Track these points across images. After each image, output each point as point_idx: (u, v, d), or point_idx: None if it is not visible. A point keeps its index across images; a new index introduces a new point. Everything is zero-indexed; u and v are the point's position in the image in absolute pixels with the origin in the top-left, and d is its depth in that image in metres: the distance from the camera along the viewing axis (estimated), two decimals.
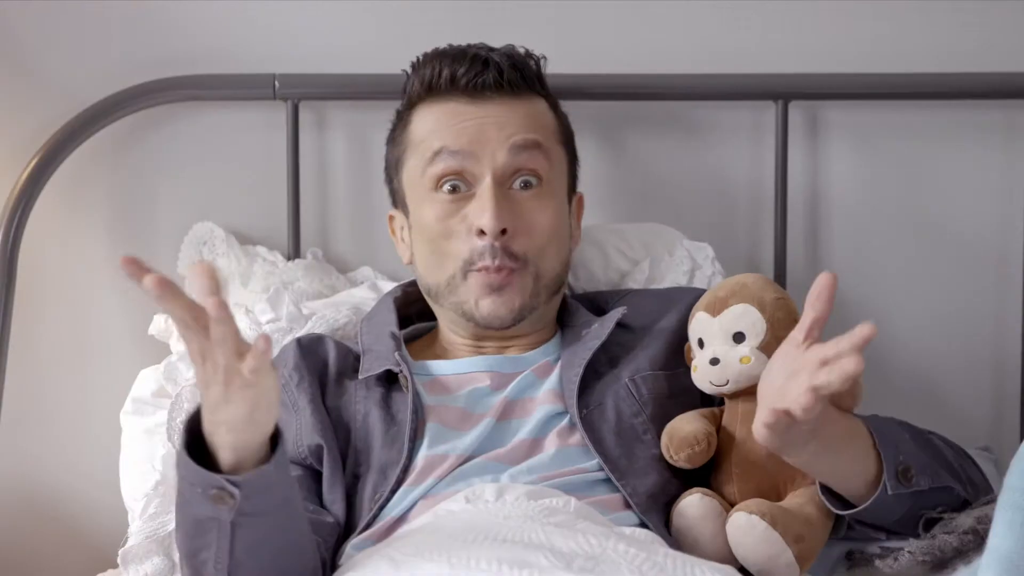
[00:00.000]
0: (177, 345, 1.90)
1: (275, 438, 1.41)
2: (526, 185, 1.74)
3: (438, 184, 1.74)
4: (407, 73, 1.83)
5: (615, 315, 1.75)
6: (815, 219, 2.10)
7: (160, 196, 2.08)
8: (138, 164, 2.07)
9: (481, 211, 1.71)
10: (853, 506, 1.56)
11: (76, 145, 2.00)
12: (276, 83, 2.01)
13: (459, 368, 1.74)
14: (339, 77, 2.04)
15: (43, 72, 2.05)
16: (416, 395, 1.67)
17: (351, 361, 1.76)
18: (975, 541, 1.52)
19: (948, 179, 2.09)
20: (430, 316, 1.85)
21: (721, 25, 2.07)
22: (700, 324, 1.67)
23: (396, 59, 1.93)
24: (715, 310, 1.66)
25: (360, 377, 1.72)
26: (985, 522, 1.52)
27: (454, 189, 1.73)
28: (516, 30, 1.92)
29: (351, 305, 1.91)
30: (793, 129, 2.05)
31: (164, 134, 2.07)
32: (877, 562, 1.57)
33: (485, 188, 1.72)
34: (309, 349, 1.76)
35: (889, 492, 1.54)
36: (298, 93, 2.03)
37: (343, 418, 1.70)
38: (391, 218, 1.86)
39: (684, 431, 1.63)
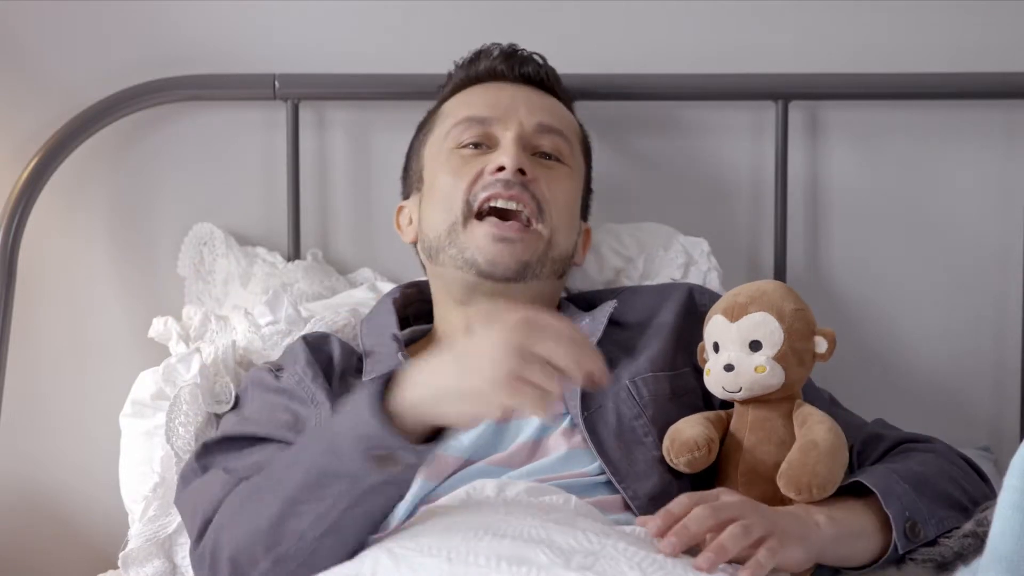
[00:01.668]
0: (176, 347, 1.89)
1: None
2: (547, 156, 1.77)
3: (461, 144, 1.77)
4: (449, 75, 1.88)
5: (606, 309, 1.75)
6: (815, 219, 2.10)
7: (160, 196, 2.08)
8: (138, 164, 2.07)
9: (501, 154, 1.74)
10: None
11: (76, 145, 2.00)
12: (276, 83, 2.01)
13: None
14: (339, 77, 2.04)
15: (43, 72, 2.05)
16: None
17: (354, 361, 1.76)
18: (975, 544, 1.52)
19: (948, 179, 2.09)
20: (427, 318, 1.85)
21: (721, 25, 2.07)
22: (717, 328, 1.65)
23: (396, 59, 1.93)
24: (733, 315, 1.64)
25: (364, 378, 1.72)
26: (984, 524, 1.52)
27: (476, 146, 1.77)
28: (517, 30, 1.92)
29: (349, 307, 1.90)
30: (793, 129, 2.05)
31: (164, 134, 2.07)
32: (881, 561, 1.57)
33: (508, 140, 1.75)
34: (316, 346, 1.76)
35: (899, 551, 1.54)
36: (298, 93, 2.03)
37: None
38: (400, 209, 1.86)
39: (685, 435, 1.62)
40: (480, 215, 1.73)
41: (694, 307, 1.79)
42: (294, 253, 2.04)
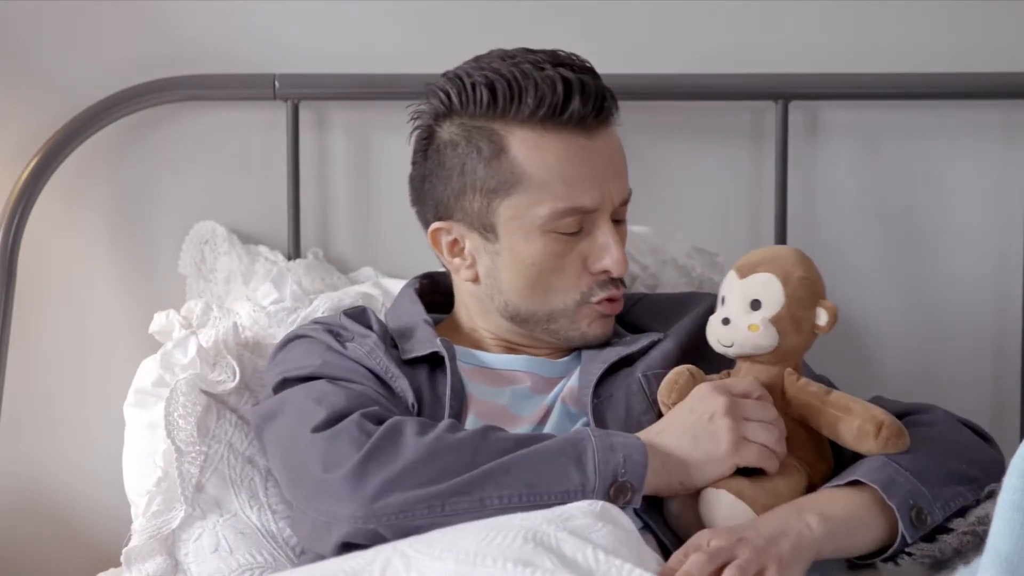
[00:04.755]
0: (176, 336, 1.89)
1: None
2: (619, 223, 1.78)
3: (560, 231, 1.72)
4: (460, 80, 1.71)
5: (651, 337, 1.76)
6: (815, 219, 2.10)
7: (160, 196, 2.08)
8: (138, 164, 2.07)
9: (606, 254, 1.72)
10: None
11: (76, 145, 2.00)
12: (276, 83, 2.01)
13: (502, 363, 1.75)
14: (339, 77, 2.04)
15: (43, 72, 2.05)
16: (457, 377, 1.69)
17: (390, 338, 1.76)
18: (974, 542, 1.53)
19: (948, 179, 2.10)
20: (441, 308, 1.85)
21: (721, 25, 2.07)
22: (727, 282, 1.68)
23: (396, 59, 1.94)
24: (743, 272, 1.66)
25: (405, 357, 1.72)
26: (984, 522, 1.52)
27: (571, 232, 1.73)
28: (518, 30, 1.92)
29: (358, 292, 1.92)
30: (793, 129, 2.05)
31: (164, 134, 2.07)
32: (878, 563, 1.57)
33: (608, 234, 1.72)
34: (362, 320, 1.78)
35: (908, 540, 1.54)
36: (298, 93, 2.03)
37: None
38: (438, 231, 1.75)
39: (665, 377, 1.65)
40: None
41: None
42: (295, 252, 2.05)
